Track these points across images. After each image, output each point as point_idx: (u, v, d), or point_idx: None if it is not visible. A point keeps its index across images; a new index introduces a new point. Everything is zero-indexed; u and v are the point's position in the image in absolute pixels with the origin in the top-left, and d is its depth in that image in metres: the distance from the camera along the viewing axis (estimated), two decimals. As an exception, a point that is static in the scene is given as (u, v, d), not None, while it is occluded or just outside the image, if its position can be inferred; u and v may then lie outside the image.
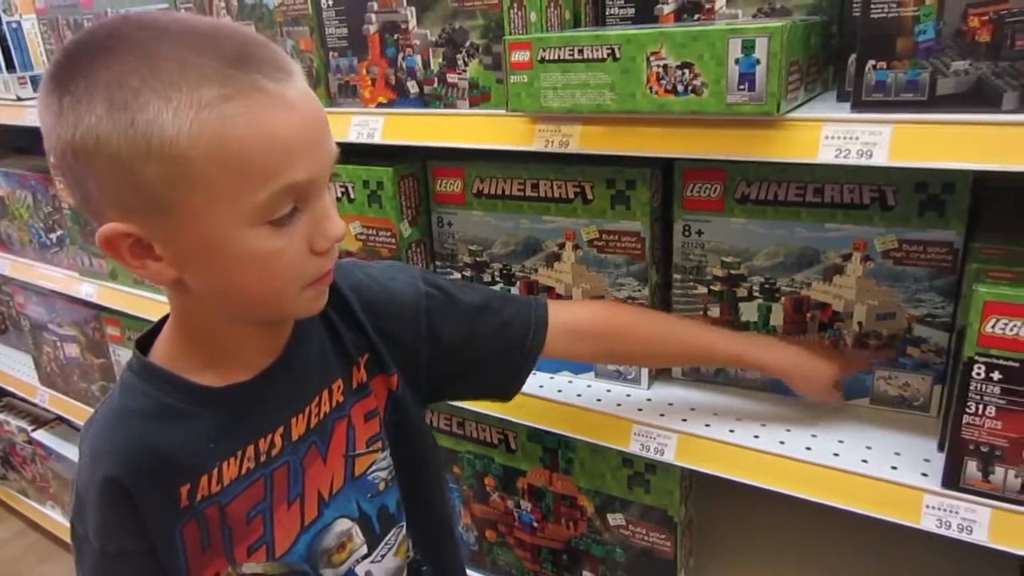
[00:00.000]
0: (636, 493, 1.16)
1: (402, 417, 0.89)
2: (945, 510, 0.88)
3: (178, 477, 0.73)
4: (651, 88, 0.88)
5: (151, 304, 1.64)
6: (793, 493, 0.95)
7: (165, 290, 0.74)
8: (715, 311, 1.11)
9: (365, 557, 0.86)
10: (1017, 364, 0.78)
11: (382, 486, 0.88)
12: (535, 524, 1.27)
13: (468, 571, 1.38)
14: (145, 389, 0.75)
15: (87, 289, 1.78)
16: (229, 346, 0.76)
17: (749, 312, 1.09)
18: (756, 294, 1.08)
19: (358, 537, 0.85)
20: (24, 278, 1.96)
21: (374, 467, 0.87)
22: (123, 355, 1.95)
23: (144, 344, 0.79)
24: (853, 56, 0.82)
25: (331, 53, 1.18)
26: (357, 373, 0.85)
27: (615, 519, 1.19)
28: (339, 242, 0.71)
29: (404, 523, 0.90)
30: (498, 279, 1.21)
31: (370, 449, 0.86)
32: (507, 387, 0.96)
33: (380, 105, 1.17)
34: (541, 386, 1.19)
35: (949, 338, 0.98)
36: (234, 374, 0.76)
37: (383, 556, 0.88)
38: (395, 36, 1.11)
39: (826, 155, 0.82)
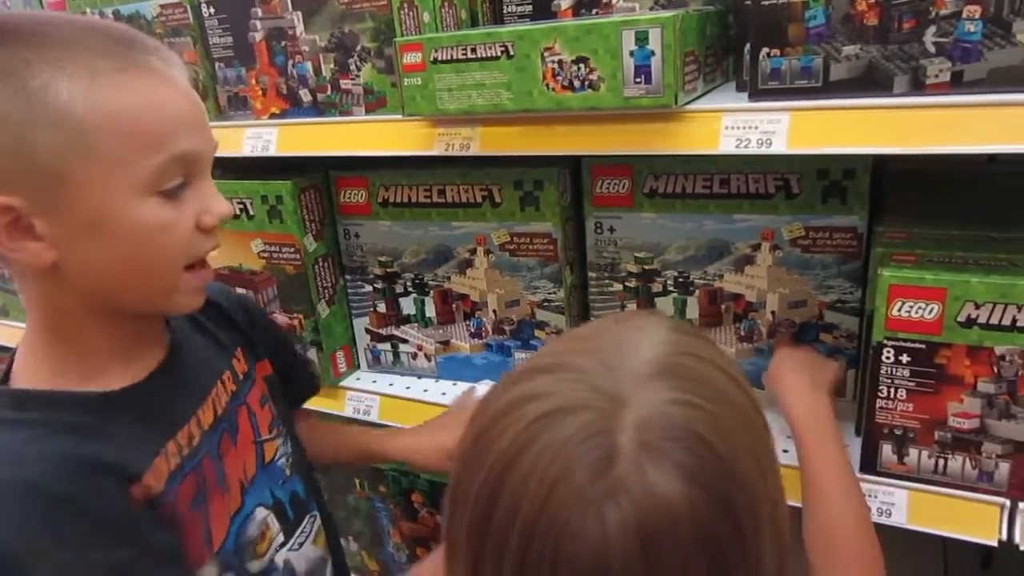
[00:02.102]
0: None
1: (282, 404, 0.93)
2: (865, 494, 0.88)
3: (123, 479, 0.67)
4: (548, 85, 0.86)
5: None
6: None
7: (27, 290, 0.68)
8: (632, 307, 1.09)
9: (283, 545, 0.86)
10: (923, 346, 0.78)
11: (288, 472, 0.90)
12: (465, 538, 1.24)
13: (400, 591, 1.35)
14: (31, 418, 0.66)
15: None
16: (101, 348, 0.71)
17: (665, 307, 1.08)
18: (671, 288, 1.07)
19: (275, 525, 0.86)
20: None
21: (279, 453, 0.89)
22: None
23: None
24: (748, 45, 0.81)
25: (217, 64, 1.13)
26: (238, 364, 0.87)
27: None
28: (225, 221, 0.71)
29: (316, 511, 0.93)
30: (411, 289, 1.17)
31: (272, 435, 0.89)
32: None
33: (273, 116, 1.12)
34: (444, 392, 1.16)
35: (860, 323, 0.99)
36: (119, 379, 0.71)
37: (301, 544, 0.89)
38: (283, 43, 1.06)
39: (727, 146, 0.81)
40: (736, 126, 0.81)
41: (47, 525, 0.61)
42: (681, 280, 1.06)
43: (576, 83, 0.84)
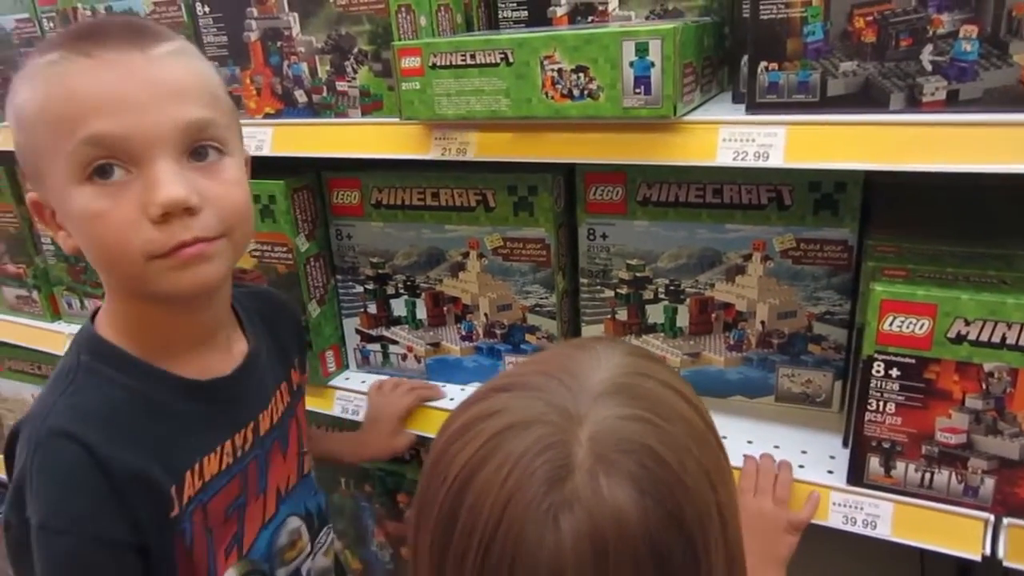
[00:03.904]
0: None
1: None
2: (850, 507, 0.89)
3: (167, 478, 0.70)
4: (547, 93, 0.86)
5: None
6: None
7: None
8: (623, 314, 1.10)
9: (308, 555, 0.90)
10: (913, 360, 0.79)
11: (318, 484, 0.93)
12: (451, 540, 1.24)
13: (384, 592, 1.36)
14: (118, 378, 0.71)
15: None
16: (158, 330, 0.73)
17: (656, 314, 1.08)
18: (662, 296, 1.07)
19: (305, 535, 0.89)
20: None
21: (313, 465, 0.93)
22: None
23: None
24: (746, 57, 0.81)
25: (211, 63, 1.12)
26: (295, 375, 0.91)
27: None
28: (171, 209, 0.64)
29: (331, 523, 0.96)
30: (402, 291, 1.17)
31: (307, 448, 0.92)
32: None
33: (267, 116, 1.11)
34: (452, 398, 1.16)
35: (848, 335, 1.00)
36: (197, 366, 0.75)
37: (316, 555, 0.92)
38: (278, 43, 1.05)
39: (724, 158, 0.82)
40: (734, 138, 0.81)
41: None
42: (672, 288, 1.06)
43: (575, 92, 0.85)
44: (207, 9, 1.08)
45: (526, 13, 1.04)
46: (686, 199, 1.01)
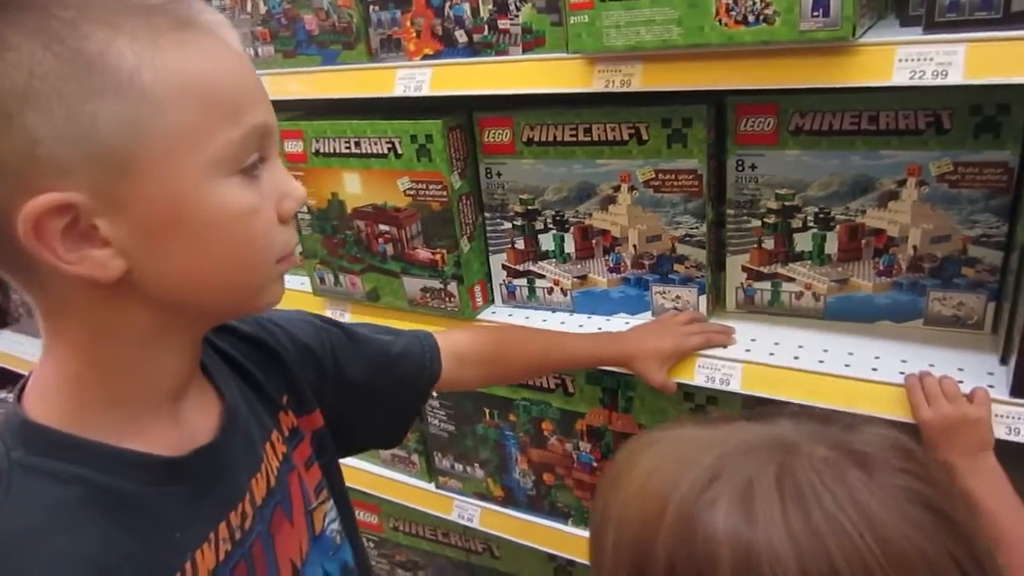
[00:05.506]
0: (698, 426, 1.19)
1: (329, 459, 0.82)
2: (1014, 418, 0.92)
3: None
4: (720, 20, 0.89)
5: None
6: (866, 412, 0.98)
7: (68, 314, 0.55)
8: (769, 243, 1.13)
9: None
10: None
11: (338, 539, 0.79)
12: (595, 464, 1.30)
13: (524, 515, 1.43)
14: (67, 472, 0.53)
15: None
16: (158, 386, 0.60)
17: (803, 242, 1.11)
18: (811, 224, 1.10)
19: None
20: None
21: (327, 520, 0.78)
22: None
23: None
24: (921, -21, 0.83)
25: (371, 7, 1.18)
26: (286, 417, 0.76)
27: (677, 453, 1.22)
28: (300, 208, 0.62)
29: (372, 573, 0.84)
30: (551, 226, 1.22)
31: (320, 500, 0.77)
32: (400, 425, 0.96)
33: (426, 57, 1.17)
34: (599, 328, 1.21)
35: (1004, 257, 1.02)
36: (165, 440, 0.59)
37: None
38: (444, -16, 1.10)
39: (900, 77, 0.84)
40: (910, 58, 0.84)
41: None
42: (822, 216, 1.09)
43: (750, 18, 0.88)
44: (376, -47, 1.14)
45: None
46: (840, 127, 1.04)
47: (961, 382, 0.96)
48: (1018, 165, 0.97)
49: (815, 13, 0.84)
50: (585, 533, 1.36)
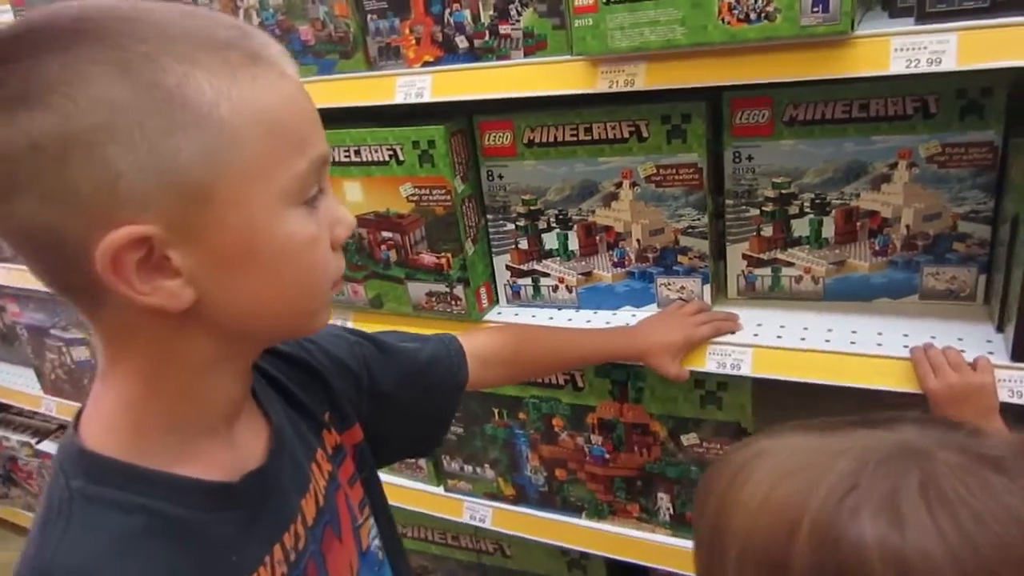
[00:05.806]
0: (709, 411, 1.23)
1: (369, 473, 0.83)
2: (1016, 381, 0.97)
3: None
4: (723, 19, 0.93)
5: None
6: (877, 387, 1.03)
7: (131, 344, 0.56)
8: (768, 230, 1.18)
9: None
10: (1087, 237, 0.87)
11: (380, 555, 0.79)
12: (607, 456, 1.33)
13: (537, 512, 1.45)
14: (127, 501, 0.55)
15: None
16: (202, 419, 0.61)
17: (801, 228, 1.16)
18: (807, 210, 1.15)
19: None
20: (20, 284, 1.90)
21: (371, 535, 0.79)
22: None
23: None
24: (912, -28, 0.88)
25: (369, 16, 1.19)
26: (329, 435, 0.77)
27: (688, 439, 1.26)
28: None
29: None
30: (554, 225, 1.25)
31: (364, 516, 0.79)
32: (435, 432, 0.98)
33: (426, 64, 1.19)
34: (607, 322, 1.24)
35: (992, 230, 1.07)
36: (222, 459, 0.61)
37: None
38: (443, -8, 1.12)
39: (897, 66, 0.89)
40: (905, 48, 0.89)
41: None
42: (818, 201, 1.14)
43: (752, 16, 0.92)
44: (374, -36, 1.15)
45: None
46: (832, 116, 1.08)
47: (963, 351, 1.01)
48: (1002, 143, 1.03)
49: (815, 9, 0.89)
50: (599, 525, 1.40)
